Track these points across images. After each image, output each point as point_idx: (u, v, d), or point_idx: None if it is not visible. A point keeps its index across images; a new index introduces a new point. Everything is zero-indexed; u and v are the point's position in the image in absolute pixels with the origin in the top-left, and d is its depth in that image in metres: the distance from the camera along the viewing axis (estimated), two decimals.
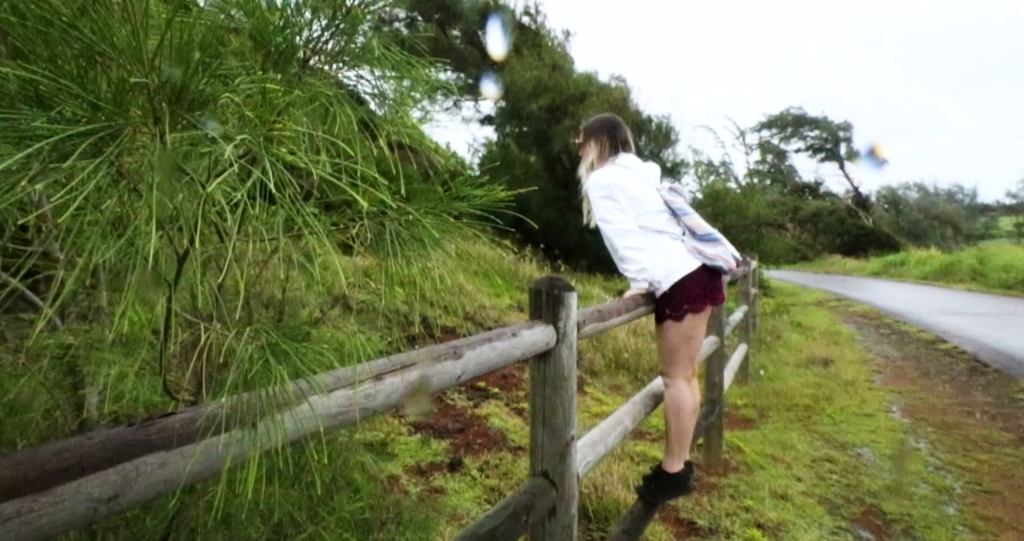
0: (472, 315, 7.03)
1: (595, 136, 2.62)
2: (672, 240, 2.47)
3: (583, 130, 2.68)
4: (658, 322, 2.48)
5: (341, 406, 0.95)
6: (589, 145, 2.62)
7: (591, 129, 2.65)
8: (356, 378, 0.99)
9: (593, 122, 2.68)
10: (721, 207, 16.20)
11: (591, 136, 2.63)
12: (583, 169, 2.66)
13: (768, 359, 7.51)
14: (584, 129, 2.68)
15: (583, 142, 2.65)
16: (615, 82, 12.30)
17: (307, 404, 0.85)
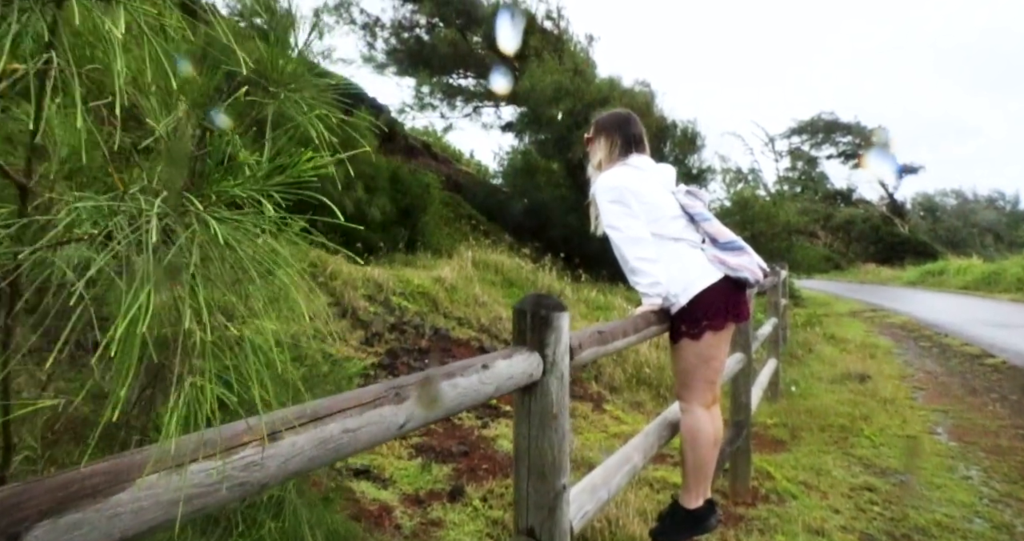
0: (487, 327, 6.78)
1: (606, 131, 2.36)
2: (690, 248, 2.19)
3: (594, 123, 2.42)
4: (673, 341, 2.19)
5: (202, 486, 0.70)
6: (598, 141, 2.36)
7: (603, 124, 2.39)
8: (232, 441, 0.74)
9: (606, 116, 2.42)
10: (749, 215, 15.75)
11: (602, 131, 2.37)
12: (591, 169, 2.40)
13: (800, 374, 7.10)
14: (595, 123, 2.42)
15: (592, 137, 2.39)
16: (639, 87, 12.01)
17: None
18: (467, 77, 11.46)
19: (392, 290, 6.48)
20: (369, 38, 11.07)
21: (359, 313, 5.82)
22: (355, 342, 5.35)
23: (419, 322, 6.33)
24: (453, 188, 12.83)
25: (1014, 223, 37.35)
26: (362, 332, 5.62)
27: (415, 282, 6.79)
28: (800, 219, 19.48)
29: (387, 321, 5.97)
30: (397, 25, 10.94)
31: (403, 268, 7.34)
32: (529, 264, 8.78)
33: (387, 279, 6.50)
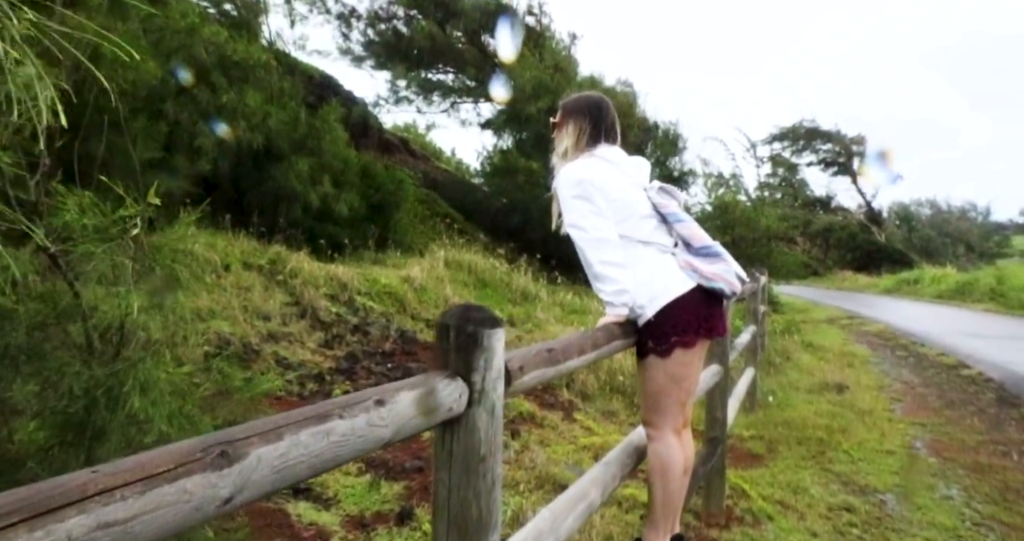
0: None
1: (573, 116, 2.10)
2: (660, 253, 1.95)
3: (561, 107, 2.15)
4: (640, 357, 1.94)
5: None
6: (565, 127, 2.10)
7: (571, 107, 2.12)
8: None
9: (574, 99, 2.16)
10: (730, 219, 15.69)
11: (569, 116, 2.11)
12: (555, 158, 2.15)
13: (777, 383, 6.93)
14: (562, 106, 2.15)
15: (559, 122, 2.13)
16: (621, 86, 11.82)
17: None
18: (445, 72, 11.17)
19: (357, 289, 6.17)
20: (344, 29, 10.73)
21: (319, 313, 5.51)
22: (313, 344, 5.05)
23: (384, 323, 6.04)
24: (430, 186, 12.52)
25: (986, 234, 38.02)
26: (322, 334, 5.31)
27: (382, 281, 6.49)
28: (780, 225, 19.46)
29: (349, 322, 5.67)
30: (373, 16, 10.62)
31: (371, 267, 7.03)
32: (504, 265, 8.52)
33: (352, 278, 6.20)
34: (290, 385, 4.27)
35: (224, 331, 4.40)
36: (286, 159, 6.63)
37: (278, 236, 6.23)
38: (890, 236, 34.34)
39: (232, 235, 5.79)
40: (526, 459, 3.78)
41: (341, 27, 10.62)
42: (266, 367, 4.35)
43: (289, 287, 5.60)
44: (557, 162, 2.12)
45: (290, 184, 6.51)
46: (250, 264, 5.55)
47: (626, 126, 2.33)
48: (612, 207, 1.94)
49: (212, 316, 4.55)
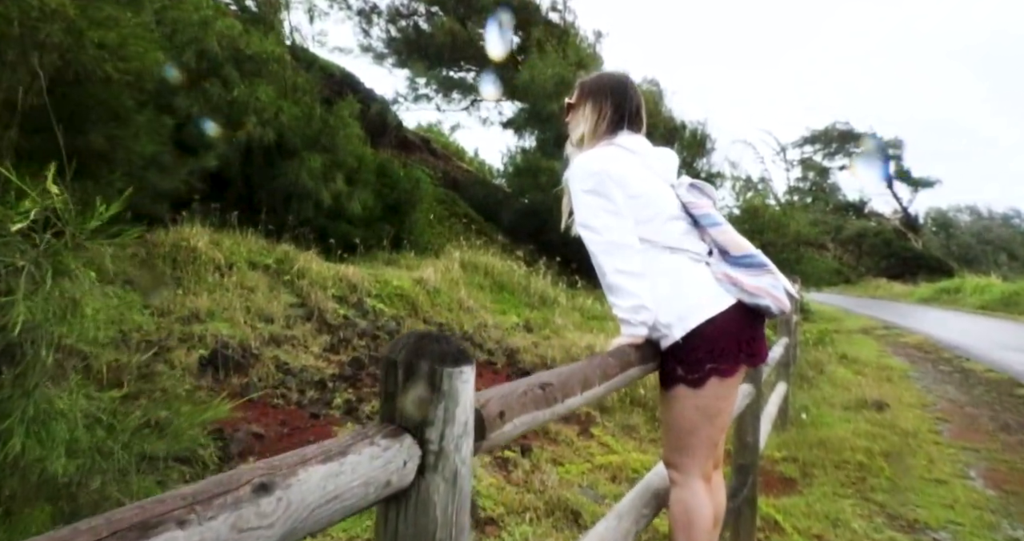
0: (471, 335, 6.22)
1: (593, 98, 1.78)
2: (691, 262, 1.63)
3: (579, 86, 1.83)
4: (664, 386, 1.62)
5: None
6: (583, 109, 1.78)
7: (591, 87, 1.80)
8: None
9: (596, 78, 1.84)
10: (759, 224, 15.23)
11: (588, 97, 1.79)
12: (569, 147, 1.84)
13: (810, 398, 6.51)
14: (580, 85, 1.83)
15: (575, 103, 1.81)
16: (647, 85, 11.43)
17: None
18: (466, 69, 10.92)
19: (367, 291, 5.93)
20: (365, 25, 10.54)
21: (326, 316, 5.27)
22: (317, 348, 4.80)
23: (394, 327, 5.77)
24: (450, 185, 12.28)
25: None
26: (327, 337, 5.06)
27: (394, 283, 6.24)
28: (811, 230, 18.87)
29: (357, 325, 5.42)
30: (394, 12, 10.42)
31: (384, 267, 6.79)
32: (523, 267, 8.22)
33: (362, 279, 5.95)
34: (289, 392, 4.02)
35: (223, 334, 4.17)
36: (298, 155, 6.43)
37: (287, 235, 6.01)
38: (927, 243, 33.21)
39: (240, 233, 5.59)
40: (536, 481, 3.46)
41: (362, 23, 10.46)
42: (265, 372, 4.11)
43: (296, 288, 5.37)
44: (571, 151, 1.81)
45: (302, 181, 6.30)
46: (256, 263, 5.34)
47: (651, 125, 2.08)
48: (633, 205, 1.63)
49: (212, 317, 4.33)
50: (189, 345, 3.92)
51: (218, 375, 3.82)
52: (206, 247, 4.92)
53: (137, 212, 4.94)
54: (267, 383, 4.01)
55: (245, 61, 6.54)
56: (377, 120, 10.08)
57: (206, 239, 5.00)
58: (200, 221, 5.29)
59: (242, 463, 3.02)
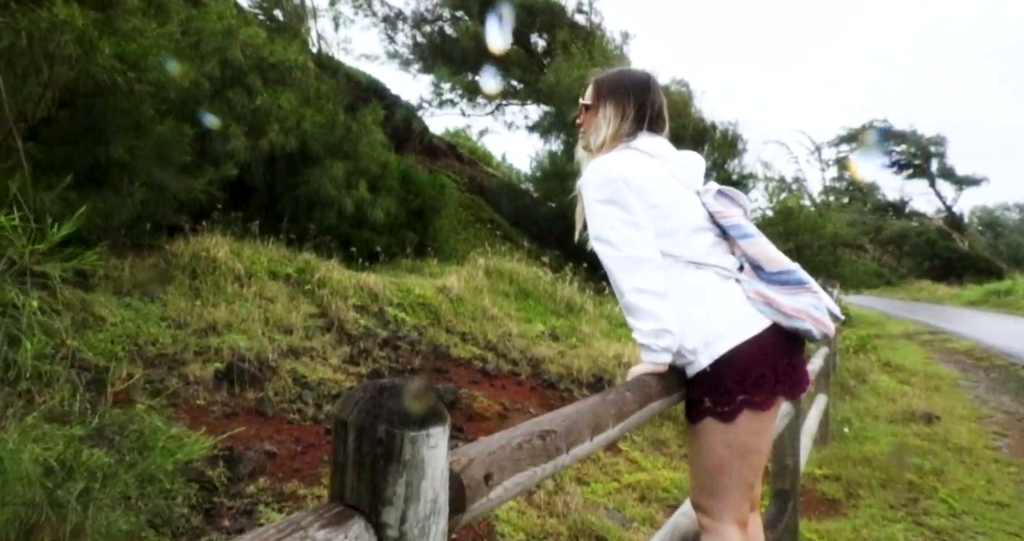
0: (494, 344, 6.07)
1: (614, 97, 1.59)
2: (720, 279, 1.45)
3: (594, 84, 1.64)
4: (691, 420, 1.44)
5: None
6: (602, 110, 1.59)
7: (611, 85, 1.61)
8: None
9: (615, 75, 1.65)
10: (793, 225, 14.78)
11: (609, 96, 1.59)
12: (580, 151, 1.68)
13: (852, 410, 6.18)
14: (597, 83, 1.63)
15: (593, 103, 1.62)
16: (676, 86, 11.16)
17: None
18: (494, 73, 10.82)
19: (388, 300, 5.83)
20: (390, 32, 10.54)
21: (346, 326, 5.18)
22: (336, 360, 4.70)
23: (416, 337, 5.66)
24: (476, 191, 12.19)
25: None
26: (347, 348, 4.97)
27: (416, 292, 6.13)
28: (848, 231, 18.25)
29: (378, 335, 5.32)
30: (419, 18, 10.39)
31: (407, 275, 6.69)
32: (549, 274, 8.04)
33: (384, 287, 5.86)
34: (305, 407, 3.93)
35: (240, 346, 4.10)
36: (321, 163, 6.38)
37: (309, 243, 5.96)
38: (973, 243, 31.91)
39: (261, 242, 5.55)
40: (559, 503, 3.29)
41: (387, 30, 10.44)
42: (281, 386, 4.03)
43: (316, 297, 5.30)
44: (582, 157, 1.65)
45: (324, 189, 6.25)
46: (277, 273, 5.29)
47: (681, 127, 1.92)
48: (653, 216, 1.45)
49: (229, 329, 4.27)
50: (205, 358, 3.85)
51: (233, 389, 3.74)
52: (226, 257, 4.87)
53: (157, 222, 4.95)
54: (283, 397, 3.92)
55: (269, 69, 6.54)
56: (402, 126, 10.03)
57: (226, 249, 4.96)
58: (221, 230, 5.27)
59: (251, 484, 2.92)
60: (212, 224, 5.24)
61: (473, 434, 4.29)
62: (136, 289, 4.16)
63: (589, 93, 1.64)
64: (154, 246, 4.64)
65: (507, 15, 9.68)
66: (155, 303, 4.15)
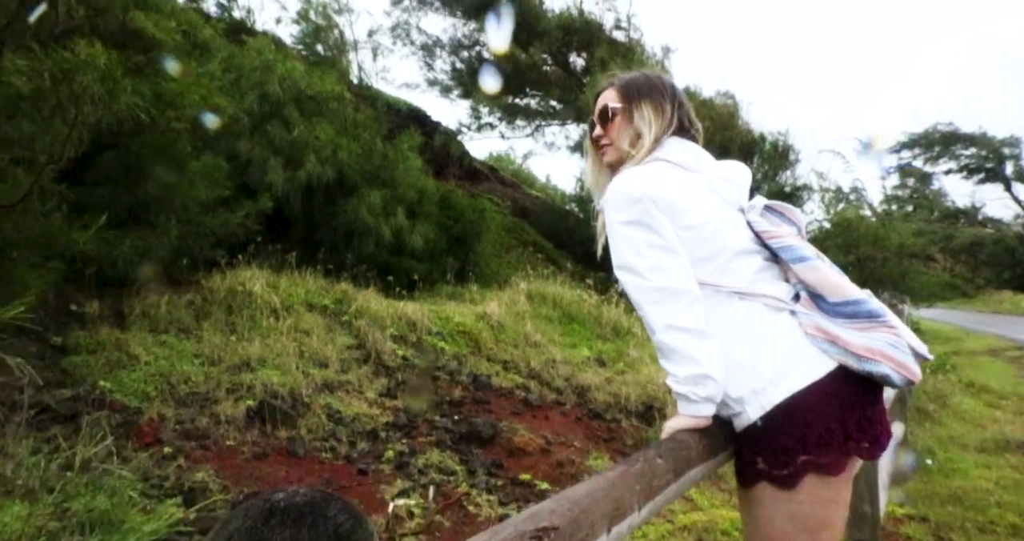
0: (537, 372, 5.82)
1: (652, 98, 1.37)
2: (770, 312, 1.20)
3: (624, 85, 1.41)
4: (743, 484, 1.19)
5: None
6: (639, 112, 1.36)
7: (642, 84, 1.39)
8: None
9: (642, 77, 1.42)
10: (854, 237, 14.02)
11: (646, 97, 1.37)
12: (596, 171, 1.47)
13: (934, 438, 5.61)
14: (627, 84, 1.41)
15: (624, 107, 1.38)
16: (721, 98, 10.81)
17: None
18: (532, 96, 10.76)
19: (427, 329, 5.69)
20: (428, 59, 10.65)
21: (384, 357, 5.05)
22: (373, 393, 4.56)
23: (455, 367, 5.49)
24: (518, 213, 12.06)
25: None
26: (385, 380, 4.83)
27: (455, 320, 5.97)
28: (915, 241, 17.22)
29: (417, 367, 5.17)
30: (456, 44, 10.46)
31: (446, 303, 6.55)
32: (593, 296, 7.77)
33: (422, 316, 5.72)
34: (338, 444, 3.78)
35: (273, 382, 4.01)
36: (358, 191, 6.36)
37: (347, 273, 5.90)
38: None
39: (299, 273, 5.52)
40: None
41: (425, 58, 10.56)
42: (315, 423, 3.90)
43: (353, 329, 5.20)
44: (597, 178, 1.44)
45: (362, 217, 6.21)
46: (314, 305, 5.23)
47: (727, 139, 1.73)
48: (688, 238, 1.23)
49: (263, 365, 4.20)
50: (237, 396, 3.77)
51: (264, 428, 3.64)
52: (262, 290, 4.84)
53: (194, 258, 4.98)
54: (316, 434, 3.80)
55: (306, 101, 6.61)
56: (442, 151, 10.04)
57: (262, 282, 4.94)
58: (259, 263, 5.26)
59: None
60: (249, 257, 5.24)
61: (514, 471, 4.06)
62: (172, 326, 4.15)
63: (614, 96, 1.41)
64: (191, 282, 4.65)
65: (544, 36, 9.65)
66: (190, 339, 4.13)
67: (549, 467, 4.14)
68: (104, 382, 3.43)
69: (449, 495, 3.52)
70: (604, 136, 1.42)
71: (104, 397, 3.33)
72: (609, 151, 1.42)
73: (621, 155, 1.39)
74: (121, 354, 3.73)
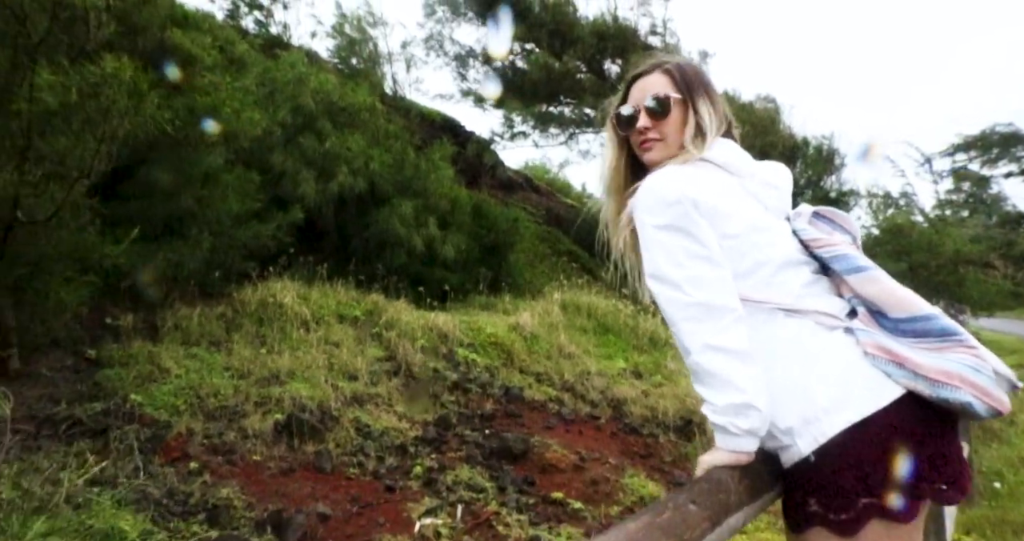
0: (571, 384, 5.66)
1: (708, 91, 1.24)
2: (822, 330, 1.05)
3: (679, 70, 1.23)
4: (793, 527, 1.04)
5: None
6: (702, 101, 1.21)
7: (699, 76, 1.25)
8: None
9: (692, 66, 1.27)
10: (905, 244, 13.43)
11: (703, 90, 1.23)
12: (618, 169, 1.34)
13: (1002, 459, 5.23)
14: (682, 69, 1.24)
15: (682, 98, 1.21)
16: (761, 102, 10.49)
17: None
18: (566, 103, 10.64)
19: (459, 340, 5.60)
20: (461, 69, 10.66)
21: (414, 370, 4.97)
22: (402, 407, 4.49)
23: (487, 379, 5.37)
24: (553, 222, 11.93)
25: None
26: (415, 393, 4.75)
27: (487, 330, 5.87)
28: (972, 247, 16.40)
29: (447, 379, 5.07)
30: (489, 53, 10.44)
31: (478, 313, 6.46)
32: (630, 306, 7.56)
33: (454, 327, 5.64)
34: (366, 460, 3.70)
35: (302, 395, 3.96)
36: (389, 202, 6.34)
37: (379, 284, 5.87)
38: None
39: (330, 285, 5.50)
40: None
41: (458, 68, 10.58)
42: (343, 437, 3.84)
43: (383, 340, 5.14)
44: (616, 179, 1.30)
45: (393, 228, 6.18)
46: (344, 316, 5.19)
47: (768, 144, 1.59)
48: (730, 248, 1.09)
49: (292, 378, 4.16)
50: (265, 410, 3.73)
51: (292, 442, 3.58)
52: (292, 302, 4.83)
53: (226, 270, 5.01)
54: (344, 449, 3.72)
55: (338, 113, 6.65)
56: (475, 161, 10.00)
57: (293, 294, 4.93)
58: (290, 275, 5.26)
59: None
60: (281, 269, 5.25)
61: (546, 488, 3.90)
62: (203, 338, 4.15)
63: (668, 84, 1.22)
64: (223, 294, 4.66)
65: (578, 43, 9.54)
66: (220, 352, 4.13)
67: (583, 485, 3.97)
68: (135, 395, 3.43)
69: (478, 514, 3.39)
70: (652, 130, 1.22)
71: (134, 411, 3.33)
72: (657, 148, 1.22)
73: (671, 153, 1.21)
74: (153, 367, 3.74)
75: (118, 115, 2.95)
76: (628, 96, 1.27)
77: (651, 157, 1.26)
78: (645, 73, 1.27)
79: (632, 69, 1.32)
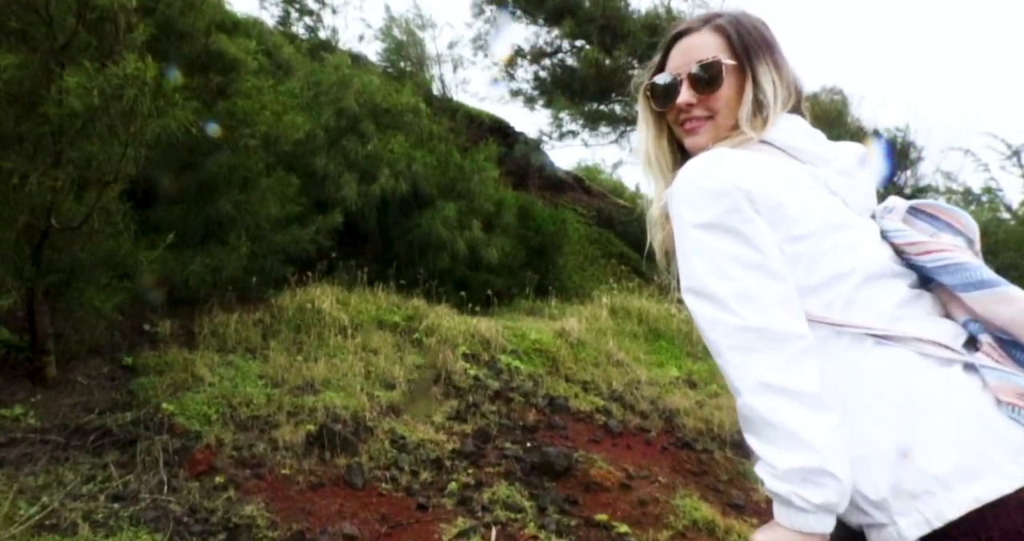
0: (620, 394, 5.35)
1: (772, 55, 0.98)
2: (930, 366, 0.77)
3: (735, 32, 0.97)
4: None
5: None
6: (764, 68, 0.96)
7: (759, 37, 0.98)
8: None
9: (751, 22, 1.00)
10: (991, 243, 12.38)
11: (764, 54, 0.97)
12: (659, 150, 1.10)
13: None
14: (739, 32, 0.97)
15: (736, 65, 0.96)
16: (827, 94, 9.87)
17: None
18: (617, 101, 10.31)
19: (502, 347, 5.38)
20: (509, 69, 10.48)
21: (455, 378, 4.79)
22: (440, 417, 4.30)
23: (531, 388, 5.13)
24: (604, 224, 11.59)
25: None
26: (455, 402, 4.56)
27: (532, 337, 5.63)
28: None
29: (489, 387, 4.87)
30: (538, 52, 10.22)
31: (523, 318, 6.23)
32: (683, 311, 7.17)
33: (497, 333, 5.43)
34: (400, 474, 3.53)
35: (336, 405, 3.84)
36: (432, 204, 6.21)
37: (420, 288, 5.73)
38: None
39: (371, 289, 5.39)
40: None
41: (507, 68, 10.41)
42: (377, 449, 3.68)
43: (423, 347, 4.99)
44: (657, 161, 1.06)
45: (436, 231, 6.03)
46: (384, 322, 5.07)
47: (835, 138, 1.38)
48: (797, 256, 0.82)
49: (327, 386, 4.05)
50: (298, 420, 3.62)
51: (323, 455, 3.45)
52: (331, 308, 4.74)
53: (264, 275, 4.96)
54: (377, 462, 3.57)
55: (382, 115, 6.57)
56: (523, 162, 9.80)
57: (331, 299, 4.83)
58: (330, 280, 5.18)
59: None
60: (320, 274, 5.17)
61: (590, 509, 3.63)
62: (239, 345, 4.09)
63: (721, 46, 0.96)
64: (261, 299, 4.61)
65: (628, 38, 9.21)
66: (256, 359, 4.05)
67: (629, 506, 3.68)
68: (167, 405, 3.36)
69: (514, 537, 3.16)
70: (698, 106, 0.97)
71: (165, 420, 3.27)
72: (704, 129, 0.97)
73: (721, 136, 0.96)
74: (187, 375, 3.68)
75: (142, 117, 2.85)
76: (667, 61, 1.02)
77: (696, 141, 1.00)
78: (690, 30, 1.01)
79: (672, 27, 1.06)
